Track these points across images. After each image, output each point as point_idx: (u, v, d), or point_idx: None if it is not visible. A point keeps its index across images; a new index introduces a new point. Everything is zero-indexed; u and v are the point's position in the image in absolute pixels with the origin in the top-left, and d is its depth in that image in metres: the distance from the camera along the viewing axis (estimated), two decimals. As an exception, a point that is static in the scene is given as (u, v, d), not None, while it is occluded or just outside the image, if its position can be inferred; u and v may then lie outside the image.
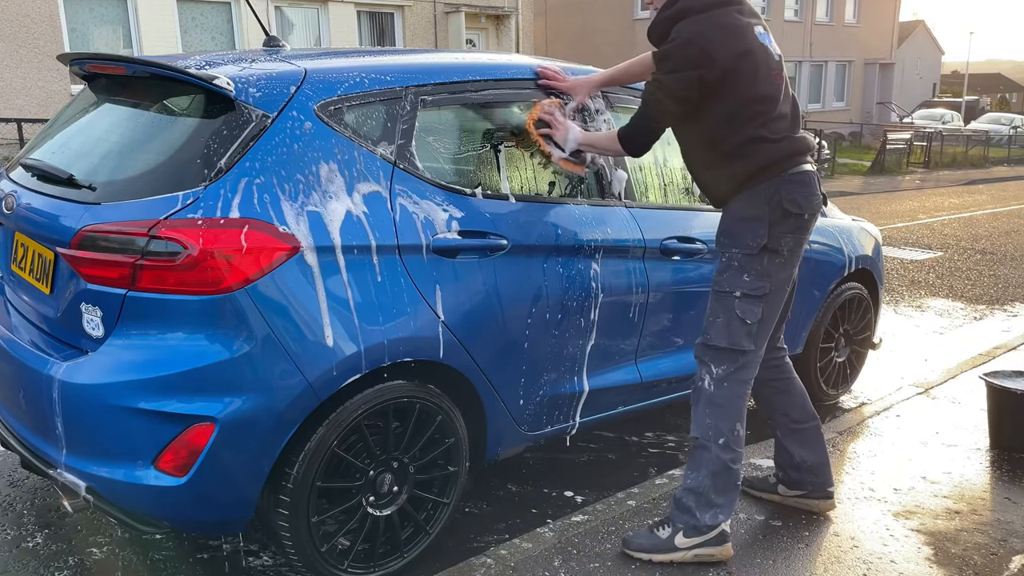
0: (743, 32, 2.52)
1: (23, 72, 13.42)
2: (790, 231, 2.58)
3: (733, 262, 2.61)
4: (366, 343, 2.36)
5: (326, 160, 2.39)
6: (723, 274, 2.63)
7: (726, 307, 2.61)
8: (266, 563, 2.78)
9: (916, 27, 43.61)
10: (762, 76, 2.53)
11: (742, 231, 2.58)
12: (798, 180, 2.58)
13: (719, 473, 2.63)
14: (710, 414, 2.63)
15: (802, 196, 2.58)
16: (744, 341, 2.61)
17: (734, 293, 2.60)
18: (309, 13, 17.08)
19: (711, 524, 2.62)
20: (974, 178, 20.46)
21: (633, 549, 2.68)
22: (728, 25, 2.50)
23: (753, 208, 2.56)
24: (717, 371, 2.64)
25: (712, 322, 2.65)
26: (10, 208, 2.59)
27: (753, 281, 2.58)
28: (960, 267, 8.60)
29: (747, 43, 2.51)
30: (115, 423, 2.19)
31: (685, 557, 2.63)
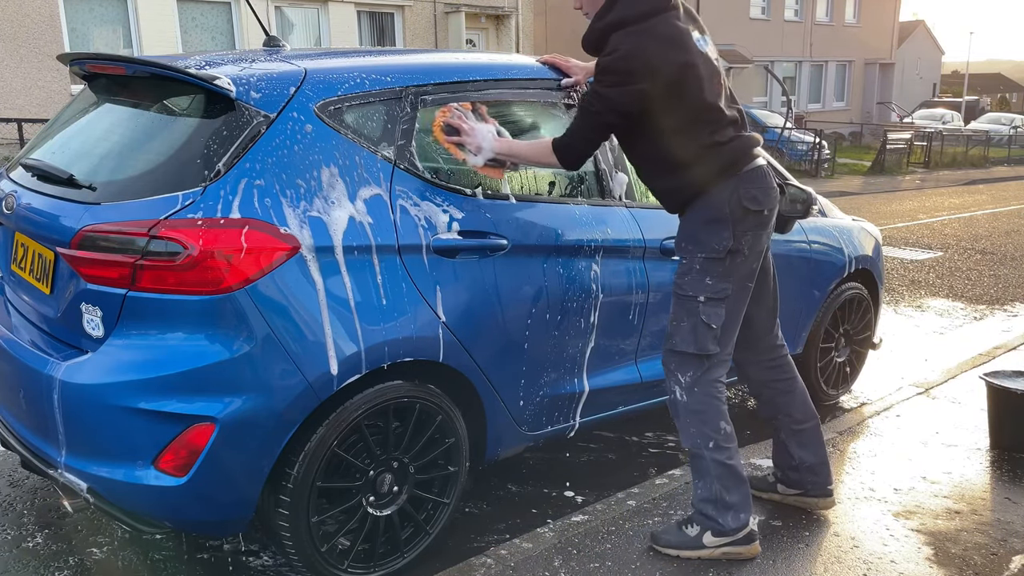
0: (683, 42, 2.46)
1: (23, 72, 13.42)
2: (751, 228, 2.56)
3: (695, 265, 2.58)
4: (366, 343, 2.36)
5: (326, 160, 2.39)
6: (684, 277, 2.61)
7: (690, 312, 2.59)
8: (266, 563, 2.78)
9: (916, 27, 43.60)
10: (705, 86, 2.49)
11: (706, 236, 2.55)
12: (754, 177, 2.56)
13: (722, 474, 2.64)
14: (692, 423, 2.64)
15: (760, 192, 2.56)
16: (710, 345, 2.59)
17: (698, 298, 2.57)
18: (309, 13, 17.09)
19: (735, 527, 2.64)
20: (974, 178, 20.46)
21: (662, 545, 2.71)
22: (667, 36, 2.44)
23: (714, 211, 2.54)
24: (685, 379, 2.63)
25: (677, 327, 2.63)
26: (10, 208, 2.59)
27: (716, 283, 2.56)
28: (960, 267, 8.60)
29: (688, 55, 2.45)
30: (115, 423, 2.19)
31: (713, 555, 2.65)
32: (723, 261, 2.54)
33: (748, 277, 2.62)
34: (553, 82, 3.04)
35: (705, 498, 2.67)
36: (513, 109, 2.98)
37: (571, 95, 3.05)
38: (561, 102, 3.06)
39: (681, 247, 2.64)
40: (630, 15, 2.44)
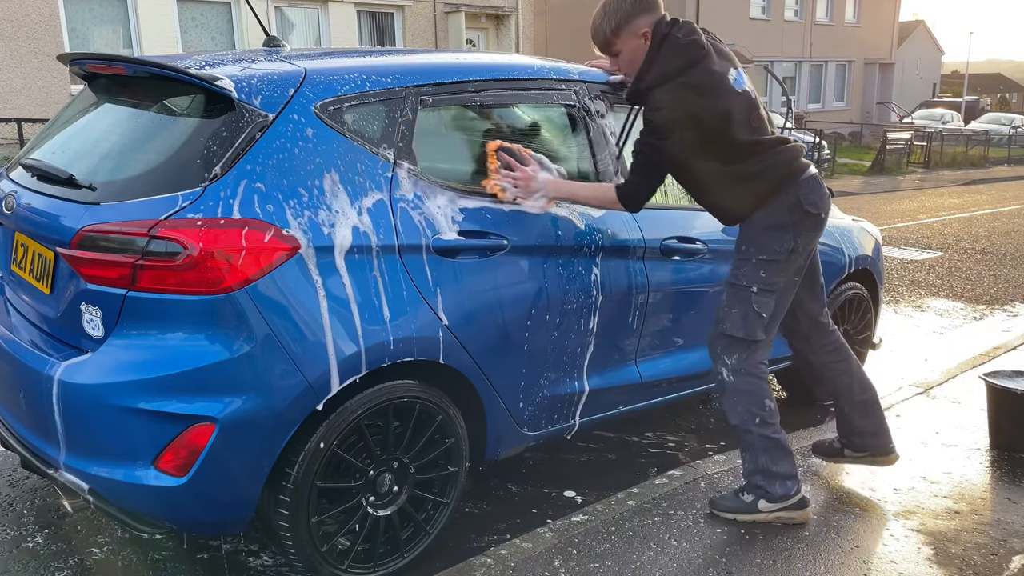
0: (719, 89, 2.65)
1: (23, 72, 13.42)
2: (807, 230, 2.78)
3: (752, 259, 2.78)
4: (366, 343, 2.36)
5: (326, 161, 2.39)
6: (740, 269, 2.81)
7: (743, 300, 2.79)
8: (266, 563, 2.78)
9: (916, 27, 43.61)
10: (745, 123, 2.70)
11: (768, 240, 2.75)
12: (812, 184, 2.78)
13: (767, 447, 2.84)
14: (739, 401, 2.85)
15: (819, 197, 2.78)
16: (758, 332, 2.80)
17: (751, 288, 2.77)
18: (309, 13, 17.08)
19: (783, 494, 2.85)
20: (974, 178, 20.45)
21: (720, 510, 2.93)
22: (704, 86, 2.63)
23: (777, 217, 2.74)
24: (731, 361, 2.84)
25: (728, 312, 2.83)
26: (10, 208, 2.59)
27: (769, 277, 2.77)
28: (960, 267, 8.60)
29: (725, 100, 2.65)
30: (115, 423, 2.19)
31: (768, 519, 2.88)
32: (779, 261, 2.76)
33: (797, 272, 2.84)
34: (553, 82, 3.04)
35: (753, 470, 2.88)
36: (513, 109, 2.98)
37: (571, 95, 3.05)
38: (560, 102, 3.06)
39: (741, 249, 2.83)
40: (668, 72, 2.63)
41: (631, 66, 2.76)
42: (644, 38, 2.69)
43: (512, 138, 2.98)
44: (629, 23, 2.70)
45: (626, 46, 2.74)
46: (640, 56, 2.70)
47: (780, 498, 2.85)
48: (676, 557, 2.68)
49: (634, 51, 2.73)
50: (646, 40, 2.69)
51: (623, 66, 2.82)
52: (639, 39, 2.70)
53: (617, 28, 2.71)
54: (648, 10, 2.70)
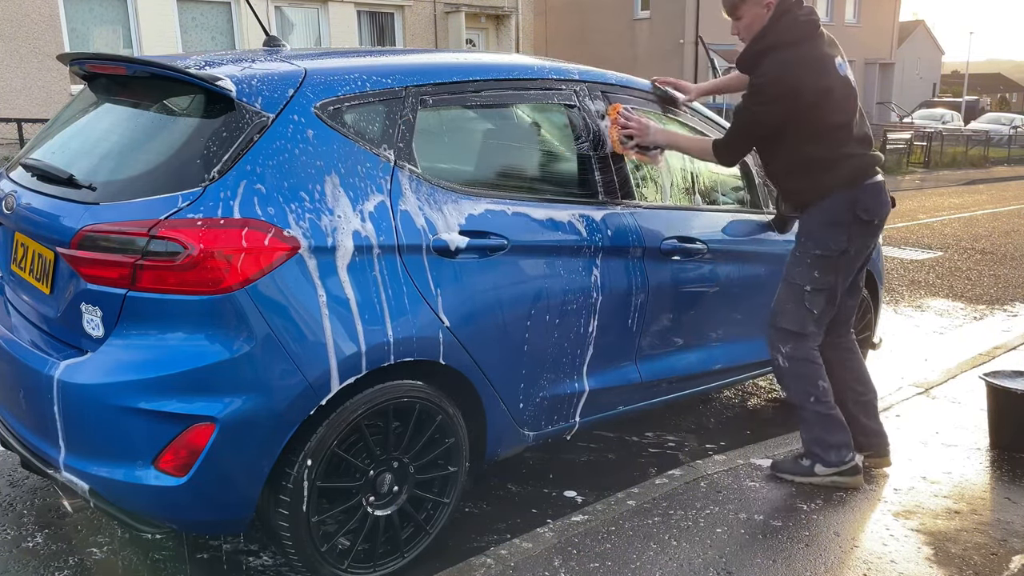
0: (826, 67, 2.92)
1: (23, 72, 13.42)
2: (860, 235, 3.01)
3: (807, 259, 3.03)
4: (366, 343, 2.36)
5: (326, 161, 2.39)
6: (796, 268, 3.07)
7: (796, 297, 3.06)
8: (266, 563, 2.78)
9: (916, 27, 43.61)
10: (840, 107, 2.94)
11: (826, 236, 2.99)
12: (871, 190, 2.99)
13: (822, 421, 3.13)
14: (795, 383, 3.16)
15: (874, 204, 3.00)
16: (810, 327, 3.08)
17: (804, 287, 3.03)
18: (309, 13, 17.09)
19: (838, 460, 3.12)
20: (974, 178, 20.45)
21: (780, 472, 3.23)
22: (813, 60, 2.90)
23: (832, 215, 2.97)
24: (785, 349, 3.12)
25: (783, 308, 3.11)
26: (10, 208, 2.59)
27: (822, 277, 3.02)
28: (960, 267, 8.59)
29: (829, 79, 2.91)
30: (115, 423, 2.19)
31: (823, 481, 3.15)
32: (832, 259, 2.99)
33: (849, 274, 3.10)
34: (553, 82, 3.04)
35: (810, 440, 3.18)
36: (513, 109, 2.98)
37: (571, 95, 3.06)
38: (560, 102, 3.06)
39: (800, 241, 3.07)
40: (783, 40, 2.90)
41: (748, 31, 3.00)
42: (767, 8, 2.95)
43: (512, 138, 2.99)
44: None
45: (748, 12, 2.98)
46: (759, 25, 2.96)
47: (835, 464, 3.12)
48: (676, 557, 2.68)
49: (755, 18, 2.97)
50: (768, 10, 2.95)
51: (741, 30, 3.03)
52: (762, 8, 2.95)
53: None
54: None
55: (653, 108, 3.41)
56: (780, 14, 2.94)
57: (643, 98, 3.38)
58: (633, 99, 3.31)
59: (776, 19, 2.94)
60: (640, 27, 27.86)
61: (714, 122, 3.66)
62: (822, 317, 3.10)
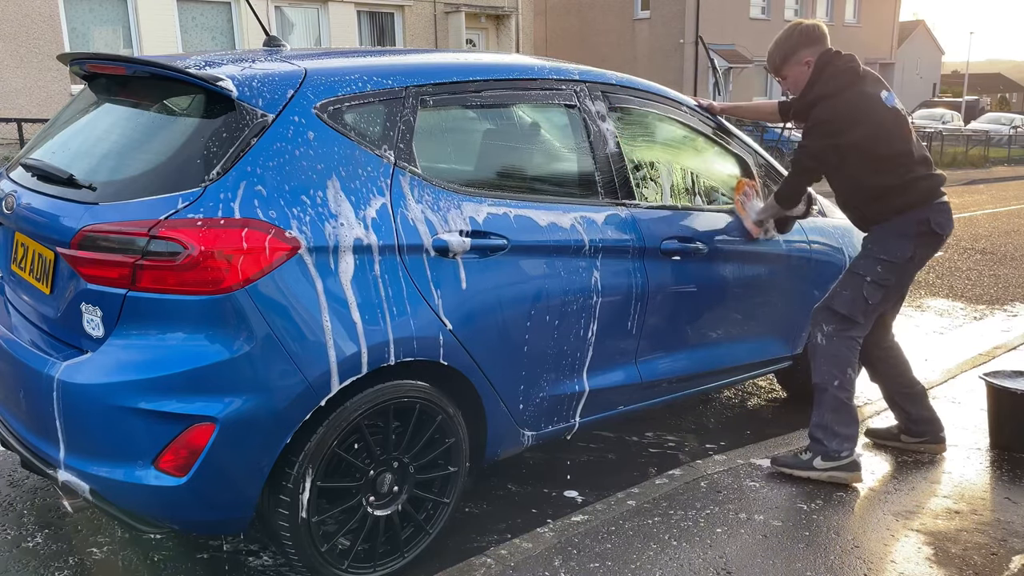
0: (872, 106, 3.10)
1: (23, 72, 13.43)
2: (928, 246, 3.23)
3: (872, 257, 3.21)
4: (366, 343, 2.36)
5: (326, 161, 2.39)
6: (861, 260, 3.26)
7: (855, 285, 3.21)
8: (266, 563, 2.78)
9: (916, 27, 43.62)
10: (896, 135, 3.14)
11: (894, 245, 3.18)
12: (943, 208, 3.22)
13: (838, 408, 3.21)
14: (825, 363, 3.24)
15: (946, 220, 3.22)
16: (859, 315, 3.22)
17: (866, 277, 3.20)
18: (309, 13, 17.09)
19: (839, 450, 3.19)
20: (974, 178, 20.45)
21: (780, 465, 3.30)
22: (859, 101, 3.09)
23: (905, 228, 3.16)
24: (828, 329, 3.24)
25: (839, 292, 3.26)
26: (10, 208, 2.58)
27: (884, 274, 3.19)
28: (960, 267, 8.60)
29: (877, 116, 3.10)
30: (115, 423, 2.19)
31: (821, 476, 3.21)
32: (897, 264, 3.19)
33: (908, 279, 3.33)
34: (553, 82, 3.04)
35: (817, 424, 3.25)
36: (513, 109, 2.98)
37: (571, 96, 3.06)
38: (560, 102, 3.06)
39: (868, 247, 3.25)
40: (829, 91, 3.12)
41: (795, 87, 3.28)
42: (807, 65, 3.21)
43: (512, 138, 2.98)
44: (795, 53, 3.22)
45: (791, 72, 3.26)
46: (803, 80, 3.23)
47: (834, 455, 3.19)
48: (676, 557, 2.68)
49: (798, 76, 3.24)
50: (808, 67, 3.21)
51: (789, 86, 3.31)
52: (803, 66, 3.22)
53: (785, 57, 3.24)
54: (810, 44, 3.20)
55: (653, 108, 3.41)
56: (821, 67, 3.17)
57: (643, 98, 3.38)
58: (633, 99, 3.31)
59: (818, 73, 3.17)
60: (640, 27, 27.87)
61: (715, 124, 3.66)
62: (872, 311, 3.24)
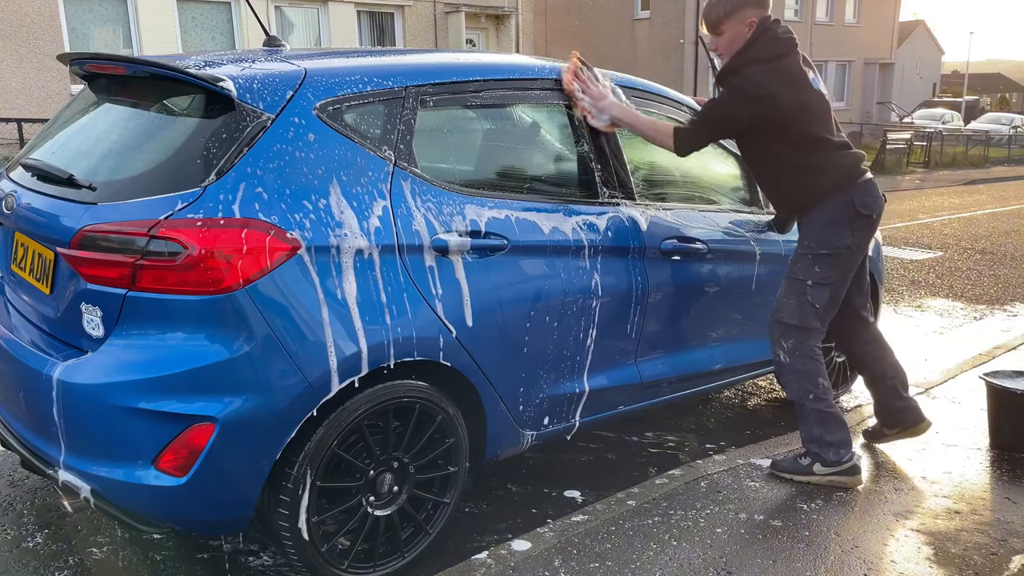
0: (802, 83, 3.03)
1: (23, 72, 13.42)
2: (861, 230, 3.09)
3: (809, 255, 3.10)
4: (366, 343, 2.36)
5: (326, 161, 2.39)
6: (798, 264, 3.14)
7: (799, 292, 3.11)
8: (266, 563, 2.78)
9: (916, 27, 43.59)
10: (817, 118, 3.06)
11: (827, 235, 3.07)
12: (867, 187, 3.10)
13: (822, 420, 3.16)
14: (795, 380, 3.18)
15: (871, 199, 3.09)
16: (812, 321, 3.12)
17: (807, 281, 3.10)
18: (309, 13, 17.08)
19: (836, 460, 3.16)
20: (974, 178, 20.45)
21: (779, 470, 3.26)
22: (792, 75, 3.01)
23: (835, 215, 3.06)
24: (787, 345, 3.15)
25: (785, 303, 3.16)
26: (10, 208, 2.59)
27: (823, 272, 3.07)
28: (960, 267, 8.59)
29: (806, 94, 3.03)
30: (115, 423, 2.19)
31: (821, 480, 3.18)
32: (835, 256, 3.07)
33: (850, 269, 3.16)
34: (553, 82, 3.04)
35: (808, 439, 3.22)
36: (513, 109, 2.98)
37: (567, 96, 3.06)
38: (560, 103, 3.06)
39: (804, 244, 3.14)
40: (765, 55, 3.01)
41: (729, 48, 3.10)
42: (749, 27, 3.05)
43: (512, 138, 2.98)
44: (741, 10, 3.04)
45: (731, 29, 3.07)
46: (739, 41, 3.06)
47: (833, 463, 3.15)
48: (676, 557, 2.68)
49: (736, 35, 3.07)
50: (749, 28, 3.05)
51: (721, 46, 3.12)
52: (744, 26, 3.05)
53: (729, 12, 3.06)
54: (758, 5, 3.06)
55: (653, 108, 3.41)
56: (761, 32, 3.04)
57: (643, 98, 3.38)
58: (632, 99, 3.31)
59: (757, 36, 3.04)
60: (640, 27, 27.86)
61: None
62: (825, 313, 3.14)
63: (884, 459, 3.49)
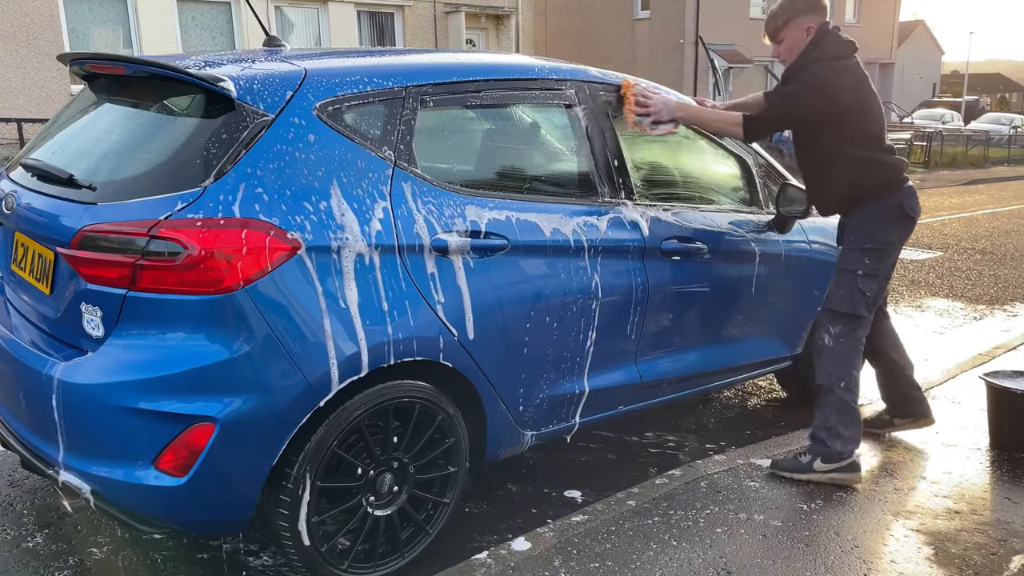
0: (865, 82, 3.18)
1: (23, 72, 13.43)
2: (905, 228, 3.29)
3: (857, 249, 3.25)
4: (366, 343, 2.36)
5: (326, 161, 2.39)
6: (847, 256, 3.29)
7: (850, 282, 3.24)
8: (266, 563, 2.78)
9: (916, 27, 43.60)
10: (877, 120, 3.22)
11: (876, 231, 3.23)
12: (913, 192, 3.28)
13: (843, 410, 3.23)
14: (831, 364, 3.25)
15: (917, 204, 3.29)
16: (861, 309, 3.24)
17: (857, 271, 3.23)
18: (309, 13, 17.09)
19: (841, 451, 3.21)
20: (974, 178, 20.45)
21: (779, 469, 3.31)
22: (857, 74, 3.16)
23: (884, 213, 3.23)
24: (834, 331, 3.26)
25: (835, 293, 3.28)
26: (10, 208, 2.58)
27: (872, 264, 3.23)
28: (960, 267, 8.60)
29: (868, 93, 3.19)
30: (115, 423, 2.19)
31: (821, 478, 3.23)
32: (881, 250, 3.24)
33: (893, 264, 3.35)
34: (553, 82, 3.04)
35: (820, 425, 3.26)
36: (513, 109, 2.98)
37: (571, 95, 3.06)
38: (560, 102, 3.06)
39: (852, 239, 3.27)
40: (828, 54, 3.16)
41: (791, 53, 3.25)
42: (807, 32, 3.20)
43: (512, 138, 2.98)
44: (800, 16, 3.20)
45: (790, 35, 3.23)
46: (800, 46, 3.22)
47: (836, 457, 3.21)
48: (676, 557, 2.68)
49: (795, 41, 3.23)
50: (808, 34, 3.20)
51: (783, 52, 3.28)
52: (802, 32, 3.21)
53: (788, 19, 3.21)
54: (815, 11, 3.21)
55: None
56: (821, 35, 3.19)
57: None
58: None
59: (818, 40, 3.19)
60: (640, 27, 27.86)
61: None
62: (873, 303, 3.27)
63: (884, 459, 3.49)
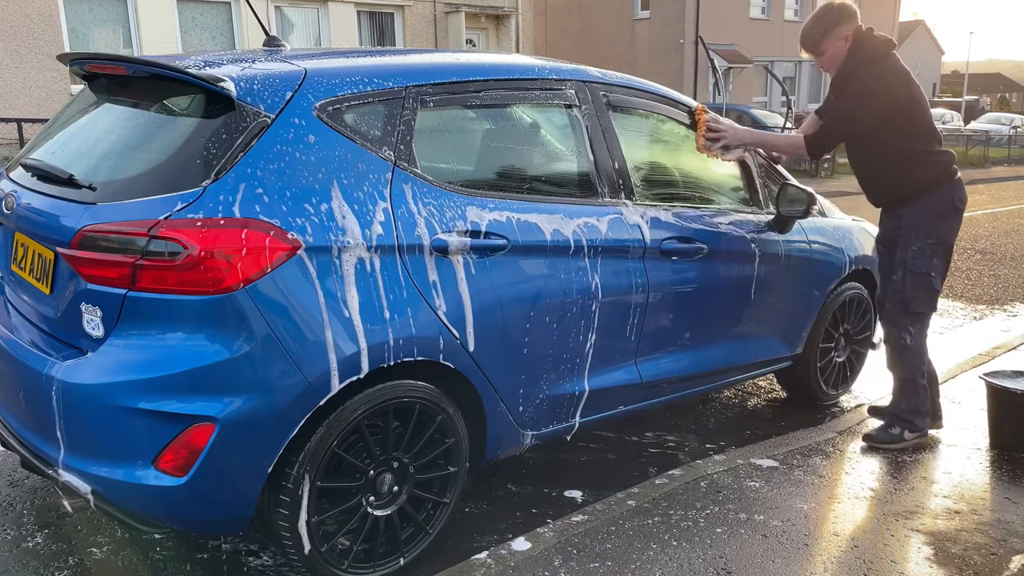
0: (910, 78, 3.32)
1: (23, 72, 13.43)
2: (958, 222, 3.43)
3: (927, 249, 3.39)
4: (366, 343, 2.36)
5: (326, 161, 2.39)
6: (918, 259, 3.42)
7: (926, 284, 3.42)
8: (266, 563, 2.78)
9: (916, 27, 43.62)
10: (926, 113, 3.35)
11: (936, 227, 3.37)
12: (962, 184, 3.41)
13: (921, 394, 3.59)
14: (914, 359, 3.56)
15: (965, 196, 3.43)
16: (935, 305, 3.51)
17: (930, 273, 3.41)
18: (309, 13, 17.09)
19: (922, 425, 3.61)
20: (974, 178, 20.44)
21: (876, 442, 3.60)
22: (900, 71, 3.30)
23: (942, 208, 3.36)
24: (913, 330, 3.51)
25: (914, 295, 3.45)
26: (10, 208, 2.59)
27: (939, 262, 3.42)
28: (960, 267, 8.59)
29: (915, 88, 3.32)
30: (115, 423, 2.19)
31: (907, 445, 3.58)
32: (944, 246, 3.40)
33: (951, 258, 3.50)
34: (553, 82, 3.04)
35: (908, 409, 3.59)
36: (513, 109, 2.98)
37: (571, 95, 3.06)
38: (560, 103, 3.06)
39: (914, 236, 3.41)
40: (870, 57, 3.31)
41: (833, 63, 3.40)
42: (845, 40, 3.35)
43: (512, 138, 2.98)
44: (834, 28, 3.34)
45: (830, 47, 3.38)
46: (841, 55, 3.36)
47: (919, 429, 3.58)
48: (676, 557, 2.68)
49: (836, 51, 3.38)
50: (846, 42, 3.35)
51: (825, 63, 3.43)
52: (841, 41, 3.35)
53: (824, 33, 3.36)
54: (848, 19, 3.34)
55: (654, 108, 3.41)
56: (859, 40, 3.32)
57: (643, 98, 3.38)
58: (633, 99, 3.31)
59: (857, 44, 3.32)
60: (640, 27, 27.87)
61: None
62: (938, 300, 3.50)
63: (884, 459, 3.49)
